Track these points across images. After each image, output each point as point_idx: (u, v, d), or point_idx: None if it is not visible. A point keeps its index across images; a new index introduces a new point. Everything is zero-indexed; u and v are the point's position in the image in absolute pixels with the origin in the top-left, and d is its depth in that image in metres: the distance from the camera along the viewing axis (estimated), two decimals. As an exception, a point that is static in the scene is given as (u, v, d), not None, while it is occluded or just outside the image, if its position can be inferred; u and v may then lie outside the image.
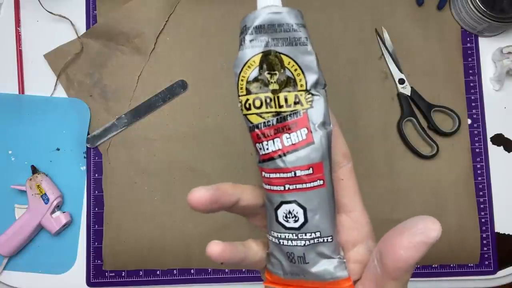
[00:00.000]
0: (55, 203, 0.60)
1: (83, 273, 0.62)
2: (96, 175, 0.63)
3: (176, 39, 0.64)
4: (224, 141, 0.62)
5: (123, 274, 0.61)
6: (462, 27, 0.63)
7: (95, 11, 0.64)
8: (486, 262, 0.61)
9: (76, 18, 0.64)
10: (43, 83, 0.64)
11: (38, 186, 0.60)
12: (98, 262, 0.62)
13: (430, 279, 0.61)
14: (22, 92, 0.64)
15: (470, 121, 0.62)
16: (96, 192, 0.62)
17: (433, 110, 0.61)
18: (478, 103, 0.62)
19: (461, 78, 0.63)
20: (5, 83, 0.64)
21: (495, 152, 0.62)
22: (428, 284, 0.61)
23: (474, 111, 0.62)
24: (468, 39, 0.63)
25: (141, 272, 0.61)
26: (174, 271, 0.61)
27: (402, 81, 0.62)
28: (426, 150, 0.62)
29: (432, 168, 0.61)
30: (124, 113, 0.63)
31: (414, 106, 0.62)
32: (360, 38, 0.63)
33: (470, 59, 0.63)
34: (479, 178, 0.62)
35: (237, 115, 0.63)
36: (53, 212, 0.60)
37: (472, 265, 0.61)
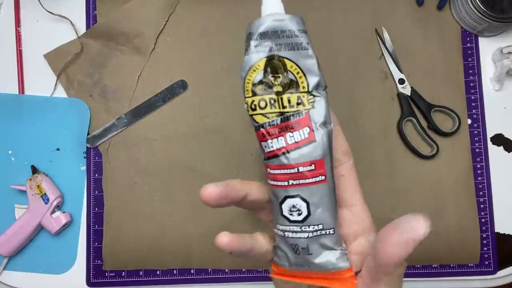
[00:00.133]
0: (55, 203, 0.60)
1: (83, 273, 0.62)
2: (96, 175, 0.63)
3: (176, 39, 0.64)
4: (224, 141, 0.62)
5: (123, 274, 0.61)
6: (462, 27, 0.63)
7: (95, 11, 0.64)
8: (486, 262, 0.61)
9: (76, 18, 0.64)
10: (43, 83, 0.64)
11: (38, 186, 0.60)
12: (98, 262, 0.62)
13: (430, 279, 0.61)
14: (22, 92, 0.64)
15: (470, 121, 0.62)
16: (96, 192, 0.62)
17: (433, 110, 0.61)
18: (478, 103, 0.62)
19: (461, 78, 0.63)
20: (5, 83, 0.64)
21: (495, 152, 0.62)
22: (428, 284, 0.61)
23: (474, 111, 0.62)
24: (468, 39, 0.63)
25: (141, 272, 0.61)
26: (174, 271, 0.61)
27: (402, 81, 0.62)
28: (426, 150, 0.62)
29: (432, 168, 0.61)
30: (124, 113, 0.63)
31: (414, 106, 0.62)
32: (360, 38, 0.63)
33: (470, 59, 0.63)
34: (479, 178, 0.62)
35: (237, 115, 0.63)
36: (53, 212, 0.60)
37: (472, 265, 0.61)
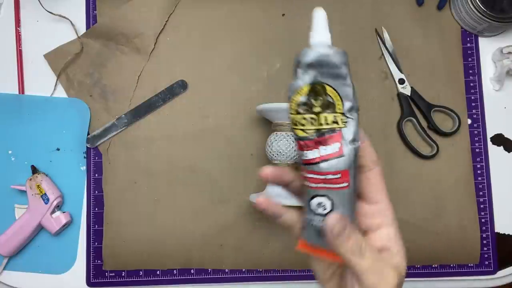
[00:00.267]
0: (55, 203, 0.60)
1: (83, 273, 0.62)
2: (96, 175, 0.63)
3: (176, 39, 0.64)
4: (224, 141, 0.62)
5: (123, 274, 0.61)
6: (462, 27, 0.63)
7: (95, 11, 0.64)
8: (486, 262, 0.61)
9: (76, 18, 0.64)
10: (43, 83, 0.64)
11: (38, 186, 0.60)
12: (98, 262, 0.62)
13: (430, 279, 0.61)
14: (22, 92, 0.64)
15: (470, 121, 0.62)
16: (96, 192, 0.62)
17: (433, 110, 0.61)
18: (478, 103, 0.62)
19: (461, 78, 0.63)
20: (5, 83, 0.64)
21: (495, 152, 0.62)
22: (428, 284, 0.61)
23: (474, 111, 0.62)
24: (468, 39, 0.63)
25: (141, 272, 0.61)
26: (174, 271, 0.61)
27: (402, 81, 0.62)
28: (426, 150, 0.62)
29: (432, 168, 0.61)
30: (124, 113, 0.63)
31: (414, 106, 0.62)
32: (360, 38, 0.63)
33: (470, 59, 0.63)
34: (479, 178, 0.62)
35: (237, 115, 0.63)
36: (53, 212, 0.60)
37: (472, 265, 0.61)
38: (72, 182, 0.63)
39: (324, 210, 0.30)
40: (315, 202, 0.30)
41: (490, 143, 0.62)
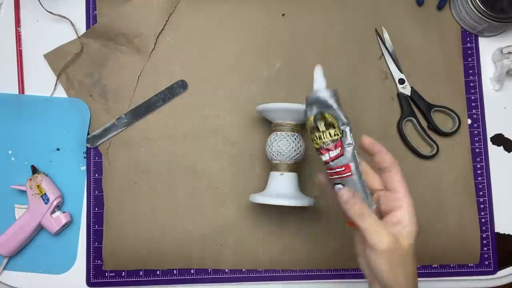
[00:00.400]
0: (55, 203, 0.60)
1: (83, 273, 0.62)
2: (96, 175, 0.63)
3: (176, 39, 0.64)
4: (224, 141, 0.62)
5: (123, 274, 0.61)
6: (462, 27, 0.63)
7: (95, 11, 0.64)
8: (486, 262, 0.61)
9: (76, 18, 0.64)
10: (43, 83, 0.64)
11: (38, 186, 0.60)
12: (98, 262, 0.62)
13: (430, 279, 0.61)
14: (22, 92, 0.64)
15: (470, 121, 0.62)
16: (96, 192, 0.62)
17: (433, 110, 0.61)
18: (478, 103, 0.62)
19: (461, 78, 0.63)
20: (5, 83, 0.64)
21: (495, 152, 0.62)
22: (428, 284, 0.61)
23: (474, 111, 0.62)
24: (468, 39, 0.63)
25: (141, 272, 0.61)
26: (174, 271, 0.61)
27: (402, 81, 0.62)
28: (426, 150, 0.62)
29: (432, 168, 0.61)
30: (124, 113, 0.63)
31: (414, 106, 0.62)
32: (360, 38, 0.63)
33: (470, 59, 0.63)
34: (479, 178, 0.62)
35: (237, 115, 0.63)
36: (53, 212, 0.60)
37: (472, 265, 0.61)
38: (72, 182, 0.63)
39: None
40: (336, 188, 0.42)
41: (490, 143, 0.62)
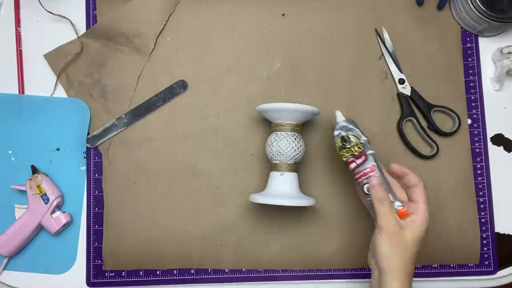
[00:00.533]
0: (55, 203, 0.60)
1: (83, 273, 0.62)
2: (96, 175, 0.63)
3: (176, 39, 0.64)
4: (224, 141, 0.62)
5: (123, 274, 0.61)
6: (462, 27, 0.63)
7: (95, 11, 0.64)
8: (486, 262, 0.61)
9: (76, 18, 0.64)
10: (43, 83, 0.64)
11: (38, 186, 0.60)
12: (98, 262, 0.62)
13: (430, 279, 0.61)
14: (22, 92, 0.64)
15: (470, 121, 0.62)
16: (96, 192, 0.62)
17: (433, 110, 0.61)
18: (478, 103, 0.62)
19: (461, 78, 0.63)
20: (5, 83, 0.64)
21: (495, 152, 0.62)
22: (428, 284, 0.61)
23: (474, 111, 0.62)
24: (468, 39, 0.63)
25: (141, 272, 0.61)
26: (174, 271, 0.61)
27: (402, 81, 0.62)
28: (426, 150, 0.62)
29: (432, 168, 0.61)
30: (124, 113, 0.63)
31: (414, 106, 0.62)
32: (360, 38, 0.63)
33: (470, 59, 0.63)
34: (479, 178, 0.62)
35: (237, 115, 0.63)
36: (53, 212, 0.60)
37: (472, 265, 0.61)
38: (72, 182, 0.63)
39: (368, 191, 0.51)
40: (366, 187, 0.52)
41: (490, 143, 0.62)
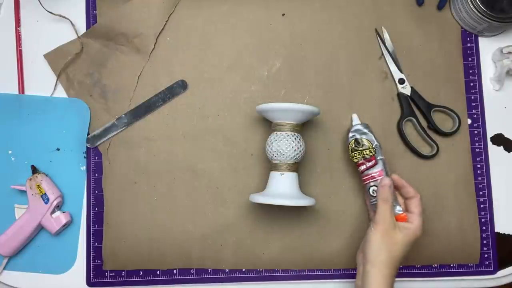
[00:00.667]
0: (55, 203, 0.60)
1: (83, 273, 0.62)
2: (96, 175, 0.63)
3: (176, 39, 0.64)
4: (224, 141, 0.62)
5: (123, 274, 0.61)
6: (462, 27, 0.63)
7: (95, 11, 0.64)
8: (486, 262, 0.61)
9: (76, 18, 0.64)
10: (43, 83, 0.64)
11: (38, 186, 0.60)
12: (98, 262, 0.62)
13: (430, 279, 0.61)
14: (22, 92, 0.64)
15: (470, 121, 0.62)
16: (96, 192, 0.62)
17: (433, 110, 0.61)
18: (478, 103, 0.62)
19: (461, 78, 0.63)
20: (5, 83, 0.64)
21: (495, 152, 0.62)
22: (428, 284, 0.61)
23: (474, 111, 0.62)
24: (468, 39, 0.63)
25: (141, 272, 0.61)
26: (174, 271, 0.61)
27: (402, 81, 0.62)
28: (426, 150, 0.62)
29: (432, 168, 0.61)
30: (124, 113, 0.63)
31: (414, 106, 0.62)
32: (360, 38, 0.63)
33: (470, 59, 0.63)
34: (479, 178, 0.62)
35: (237, 115, 0.63)
36: (53, 212, 0.60)
37: (472, 265, 0.61)
38: (72, 182, 0.63)
39: (374, 193, 0.55)
40: (371, 190, 0.55)
41: (490, 143, 0.62)
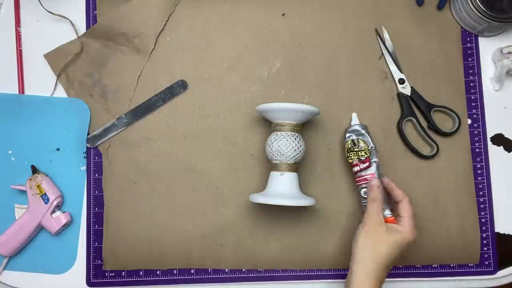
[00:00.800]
0: (55, 203, 0.60)
1: (83, 273, 0.62)
2: (96, 175, 0.63)
3: (176, 39, 0.64)
4: (224, 141, 0.62)
5: (123, 274, 0.61)
6: (462, 27, 0.63)
7: (95, 11, 0.64)
8: (486, 262, 0.61)
9: (76, 18, 0.64)
10: (43, 83, 0.64)
11: (38, 186, 0.60)
12: (98, 262, 0.62)
13: (430, 279, 0.61)
14: (22, 92, 0.64)
15: (470, 121, 0.62)
16: (96, 192, 0.62)
17: (433, 110, 0.61)
18: (478, 103, 0.62)
19: (461, 78, 0.63)
20: (5, 83, 0.64)
21: (495, 152, 0.62)
22: (428, 284, 0.61)
23: (474, 111, 0.62)
24: (468, 39, 0.63)
25: (141, 272, 0.61)
26: (174, 271, 0.61)
27: (402, 81, 0.62)
28: (426, 150, 0.62)
29: (432, 168, 0.61)
30: (124, 113, 0.63)
31: (414, 106, 0.62)
32: (360, 38, 0.63)
33: (470, 59, 0.63)
34: (479, 178, 0.62)
35: (237, 115, 0.63)
36: (53, 212, 0.60)
37: (472, 265, 0.61)
38: (72, 182, 0.63)
39: (365, 194, 0.56)
40: (363, 191, 0.57)
41: (490, 143, 0.62)
